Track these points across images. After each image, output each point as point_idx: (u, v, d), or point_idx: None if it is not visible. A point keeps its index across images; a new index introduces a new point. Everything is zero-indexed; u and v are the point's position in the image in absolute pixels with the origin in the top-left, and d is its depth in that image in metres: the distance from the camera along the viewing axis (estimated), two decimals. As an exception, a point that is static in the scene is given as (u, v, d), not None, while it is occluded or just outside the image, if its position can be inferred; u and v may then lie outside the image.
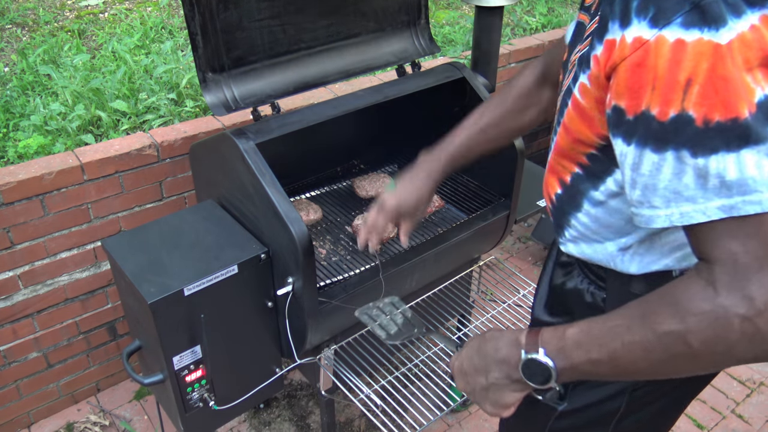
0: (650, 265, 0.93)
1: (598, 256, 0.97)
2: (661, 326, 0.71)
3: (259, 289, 1.52)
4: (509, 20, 3.72)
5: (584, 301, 1.05)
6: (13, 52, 3.10)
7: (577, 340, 0.78)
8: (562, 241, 1.04)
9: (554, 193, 1.01)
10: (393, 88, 1.65)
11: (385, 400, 1.62)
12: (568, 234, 1.01)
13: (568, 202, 0.97)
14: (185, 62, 2.79)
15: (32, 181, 1.81)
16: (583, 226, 0.97)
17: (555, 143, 0.96)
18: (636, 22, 0.71)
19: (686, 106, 0.68)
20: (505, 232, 1.87)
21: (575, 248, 1.01)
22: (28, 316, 2.00)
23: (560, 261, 1.13)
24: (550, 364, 0.79)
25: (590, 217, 0.95)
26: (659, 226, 0.75)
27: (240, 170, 1.43)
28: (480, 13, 1.85)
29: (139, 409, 2.26)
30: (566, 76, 0.94)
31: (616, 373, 0.77)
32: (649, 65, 0.70)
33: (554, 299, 1.16)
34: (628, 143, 0.75)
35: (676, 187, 0.72)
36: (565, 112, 0.91)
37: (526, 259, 3.05)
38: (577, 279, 1.07)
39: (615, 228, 0.93)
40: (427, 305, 1.85)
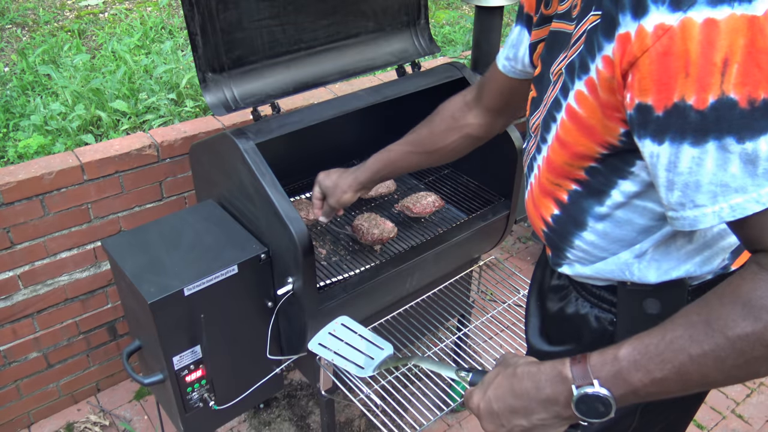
0: (670, 271, 0.87)
1: (611, 268, 0.91)
2: (733, 330, 0.65)
3: (259, 289, 1.52)
4: (509, 20, 3.72)
5: (590, 327, 0.98)
6: (13, 52, 3.11)
7: (634, 360, 0.70)
8: (564, 263, 0.97)
9: (550, 215, 0.94)
10: (393, 88, 1.65)
11: (385, 400, 1.62)
12: (572, 255, 0.95)
13: (569, 222, 0.91)
14: (185, 62, 2.80)
15: (32, 181, 1.81)
16: (589, 244, 0.91)
17: (545, 162, 0.90)
18: (654, 8, 0.65)
19: (726, 88, 0.63)
20: (505, 232, 1.87)
21: (583, 268, 0.94)
22: (28, 316, 2.00)
23: (551, 285, 1.07)
24: (608, 394, 0.71)
25: (597, 233, 0.89)
26: (706, 226, 0.69)
27: (240, 170, 1.43)
28: (480, 13, 1.85)
29: (139, 409, 2.26)
30: (547, 90, 0.89)
31: (684, 388, 0.70)
32: (677, 52, 0.64)
33: (552, 327, 1.09)
34: (660, 142, 0.68)
35: (722, 179, 0.66)
36: (554, 128, 0.85)
37: (525, 259, 3.05)
38: (577, 303, 1.00)
39: (626, 241, 0.87)
40: (427, 305, 1.85)
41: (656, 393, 0.71)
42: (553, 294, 1.06)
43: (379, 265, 1.61)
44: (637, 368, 0.70)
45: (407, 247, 1.68)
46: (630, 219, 0.85)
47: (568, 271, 0.97)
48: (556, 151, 0.86)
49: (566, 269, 0.98)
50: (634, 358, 0.71)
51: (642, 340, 0.71)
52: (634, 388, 0.71)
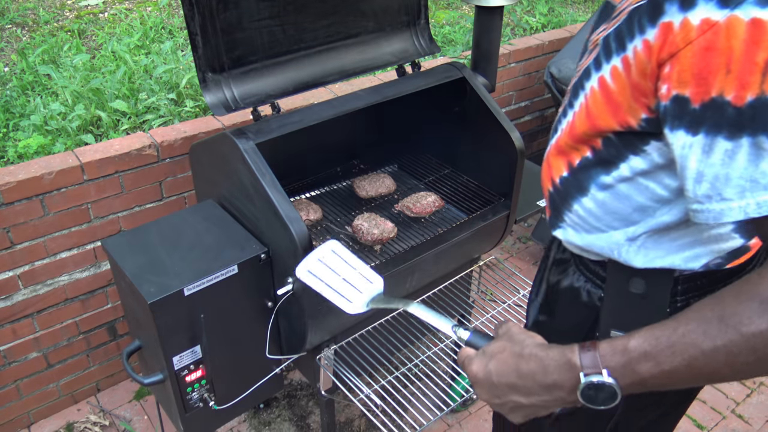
0: (655, 260, 0.90)
1: (601, 244, 0.94)
2: (748, 327, 0.65)
3: (259, 289, 1.52)
4: (509, 20, 3.72)
5: (580, 300, 1.02)
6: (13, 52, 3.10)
7: (644, 351, 0.71)
8: (561, 226, 1.01)
9: (559, 176, 0.97)
10: (393, 88, 1.65)
11: (385, 400, 1.62)
12: (568, 219, 0.98)
13: (574, 186, 0.94)
14: (185, 62, 2.79)
15: (32, 181, 1.81)
16: (586, 211, 0.94)
17: (569, 126, 0.92)
18: (702, 3, 0.66)
19: (766, 88, 0.64)
20: (505, 232, 1.87)
21: (575, 236, 0.98)
22: (28, 316, 2.00)
23: (555, 258, 1.10)
24: (615, 383, 0.72)
25: (596, 202, 0.92)
26: (731, 220, 0.70)
27: (240, 170, 1.43)
28: (480, 13, 1.84)
29: (139, 409, 2.26)
30: (584, 56, 0.90)
31: (692, 381, 0.71)
32: (720, 48, 0.65)
33: (550, 298, 1.12)
34: (694, 133, 0.70)
35: (753, 175, 0.67)
36: (582, 96, 0.87)
37: (525, 259, 3.05)
38: (573, 276, 1.03)
39: (620, 215, 0.90)
40: (426, 305, 1.85)
41: (663, 384, 0.72)
42: (555, 267, 1.09)
43: (379, 265, 1.61)
44: (647, 359, 0.70)
45: (407, 247, 1.68)
46: (629, 195, 0.87)
47: (560, 235, 1.01)
48: (581, 119, 0.88)
49: (560, 233, 1.01)
50: (644, 350, 0.71)
51: (653, 332, 0.71)
52: (641, 378, 0.71)
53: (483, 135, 1.81)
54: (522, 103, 3.16)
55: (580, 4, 4.30)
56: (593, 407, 0.74)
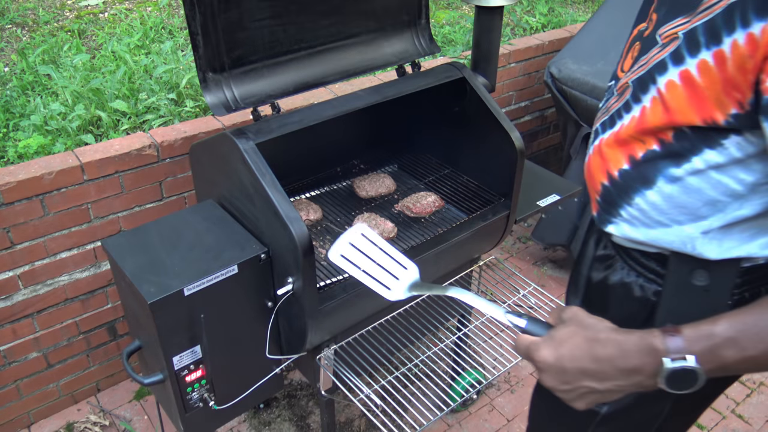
0: (731, 250, 0.88)
1: (669, 238, 0.91)
2: None
3: (259, 289, 1.52)
4: (509, 20, 3.72)
5: (632, 296, 1.00)
6: (13, 52, 3.10)
7: (730, 337, 0.72)
8: (614, 221, 0.98)
9: (618, 168, 0.94)
10: (393, 88, 1.65)
11: (385, 400, 1.62)
12: (626, 214, 0.95)
13: (637, 178, 0.91)
14: (185, 62, 2.79)
15: (32, 181, 1.81)
16: (649, 205, 0.91)
17: (633, 120, 0.90)
18: None
19: None
20: (505, 232, 1.87)
21: (632, 230, 0.95)
22: (28, 316, 2.00)
23: (597, 255, 1.08)
24: (699, 368, 0.73)
25: (663, 195, 0.89)
26: None
27: (240, 170, 1.43)
28: (480, 13, 1.84)
29: (139, 409, 2.26)
30: (651, 50, 0.88)
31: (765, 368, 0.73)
32: None
33: (594, 296, 1.10)
34: None
35: None
36: (653, 90, 0.85)
37: (525, 259, 3.05)
38: (622, 272, 1.01)
39: (689, 209, 0.88)
40: (427, 305, 1.85)
41: (744, 369, 0.74)
42: (598, 263, 1.07)
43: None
44: (732, 345, 0.72)
45: (407, 247, 1.68)
46: (700, 188, 0.85)
47: (614, 230, 0.97)
48: (655, 113, 0.86)
49: (612, 228, 0.97)
50: (729, 335, 0.72)
51: (740, 318, 0.72)
52: (724, 363, 0.72)
53: (483, 135, 1.81)
54: (522, 103, 3.16)
55: (580, 4, 4.30)
56: (674, 392, 0.74)
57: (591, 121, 2.58)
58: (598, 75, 2.52)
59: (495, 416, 2.29)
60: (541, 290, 1.86)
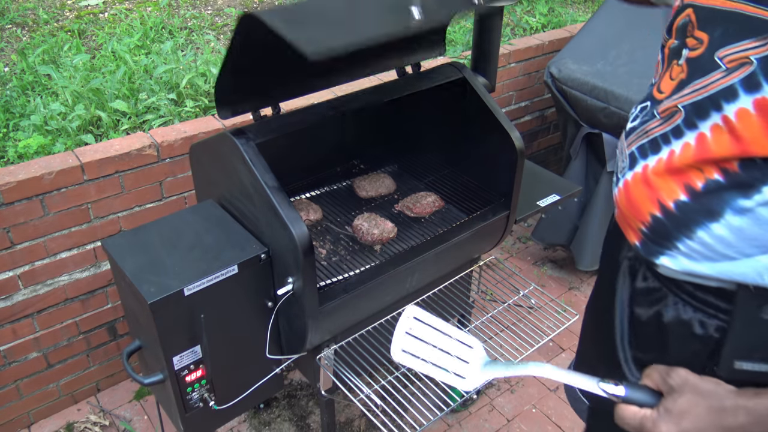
0: None
1: (741, 271, 0.85)
2: None
3: (259, 289, 1.52)
4: (509, 20, 3.72)
5: (693, 334, 0.92)
6: (13, 52, 3.10)
7: None
8: (669, 254, 0.91)
9: (673, 200, 0.88)
10: (393, 88, 1.65)
11: (385, 400, 1.62)
12: (684, 248, 0.89)
13: (700, 212, 0.85)
14: (185, 62, 2.79)
15: (32, 181, 1.81)
16: (716, 238, 0.85)
17: (688, 148, 0.84)
18: None
19: None
20: (505, 232, 1.87)
21: (694, 264, 0.88)
22: (28, 316, 2.00)
23: (638, 289, 1.00)
24: None
25: (731, 228, 0.83)
26: None
27: (240, 170, 1.43)
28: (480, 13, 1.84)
29: (139, 409, 2.26)
30: (709, 74, 0.83)
31: None
32: None
33: (644, 336, 1.01)
34: None
35: None
36: (716, 117, 0.81)
37: (526, 259, 3.05)
38: (676, 308, 0.94)
39: (760, 241, 0.82)
40: (427, 305, 1.85)
41: None
42: (642, 298, 1.00)
43: (379, 265, 1.61)
44: None
45: (407, 247, 1.68)
46: None
47: (669, 263, 0.91)
48: (721, 142, 0.81)
49: (667, 261, 0.91)
50: None
51: None
52: None
53: (483, 135, 1.81)
54: (522, 103, 3.16)
55: (580, 4, 4.30)
56: None
57: (591, 121, 2.57)
58: (598, 75, 2.52)
59: (495, 416, 2.29)
60: (541, 290, 1.86)
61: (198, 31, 3.43)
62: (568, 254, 2.98)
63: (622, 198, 0.98)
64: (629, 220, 0.97)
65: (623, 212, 0.98)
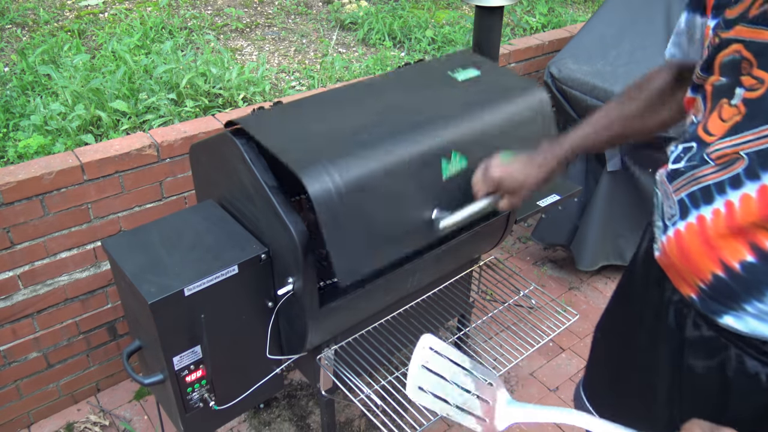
0: None
1: None
2: None
3: (259, 289, 1.52)
4: (509, 20, 3.72)
5: (761, 387, 0.88)
6: (13, 52, 3.10)
7: None
8: (735, 315, 0.86)
9: (740, 261, 0.83)
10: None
11: (385, 400, 1.62)
12: (753, 309, 0.84)
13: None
14: (185, 62, 2.79)
15: (32, 181, 1.80)
16: None
17: (759, 200, 0.79)
18: None
19: None
20: (505, 232, 1.87)
21: (763, 326, 0.84)
22: (28, 316, 2.00)
23: (691, 338, 0.94)
24: None
25: None
26: None
27: (240, 170, 1.43)
28: (480, 13, 1.84)
29: (139, 409, 2.26)
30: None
31: None
32: None
33: (699, 388, 0.96)
34: None
35: None
36: None
37: (525, 259, 3.05)
38: (741, 361, 0.88)
39: None
40: (427, 305, 1.85)
41: None
42: (696, 349, 0.94)
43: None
44: None
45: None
46: None
47: (735, 323, 0.87)
48: None
49: (732, 321, 0.87)
50: None
51: None
52: None
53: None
54: (522, 103, 3.16)
55: (580, 4, 4.30)
56: None
57: (591, 121, 2.57)
58: (598, 75, 2.52)
59: (495, 416, 2.28)
60: (541, 290, 1.86)
61: (198, 31, 3.43)
62: (568, 254, 2.98)
63: (673, 248, 0.92)
64: (683, 273, 0.92)
65: (675, 264, 0.93)
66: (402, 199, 1.36)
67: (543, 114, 1.56)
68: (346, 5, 3.92)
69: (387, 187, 1.32)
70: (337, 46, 3.45)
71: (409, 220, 1.38)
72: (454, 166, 1.42)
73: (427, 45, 3.40)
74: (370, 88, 1.58)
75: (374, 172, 1.30)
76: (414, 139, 1.37)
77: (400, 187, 1.34)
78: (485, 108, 1.49)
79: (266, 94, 2.70)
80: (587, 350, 2.76)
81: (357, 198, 1.28)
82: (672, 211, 0.93)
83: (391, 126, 1.40)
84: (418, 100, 1.52)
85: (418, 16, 3.69)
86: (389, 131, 1.37)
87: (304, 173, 1.23)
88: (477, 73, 1.58)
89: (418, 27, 3.57)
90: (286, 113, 1.49)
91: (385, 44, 3.43)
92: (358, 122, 1.41)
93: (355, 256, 1.31)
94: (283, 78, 3.01)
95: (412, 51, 3.37)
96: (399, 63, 3.11)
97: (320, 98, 1.55)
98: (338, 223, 1.26)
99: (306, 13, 3.89)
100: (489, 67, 1.63)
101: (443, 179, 1.40)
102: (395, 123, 1.41)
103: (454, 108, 1.48)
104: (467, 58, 1.67)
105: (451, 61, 1.65)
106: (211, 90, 2.64)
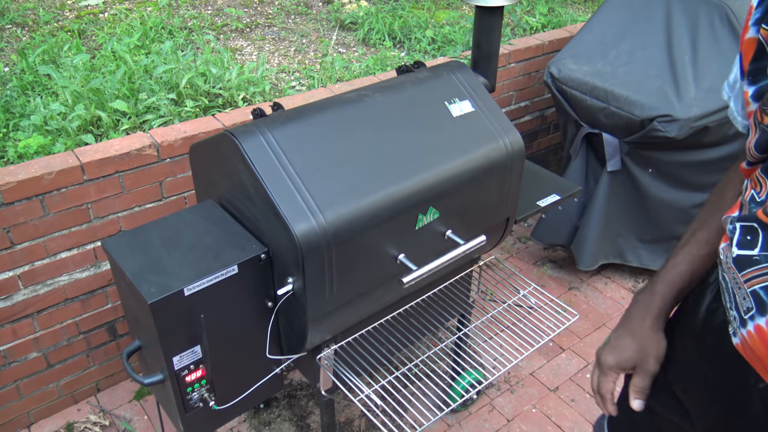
0: None
1: None
2: None
3: (259, 289, 1.51)
4: (509, 20, 3.72)
5: None
6: (13, 52, 3.10)
7: None
8: None
9: None
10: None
11: (385, 400, 1.62)
12: None
13: None
14: (185, 62, 2.79)
15: (32, 181, 1.81)
16: None
17: None
18: None
19: None
20: (505, 232, 1.87)
21: None
22: (28, 316, 2.00)
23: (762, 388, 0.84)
24: None
25: None
26: None
27: (240, 170, 1.43)
28: (480, 13, 1.84)
29: (139, 409, 2.26)
30: None
31: None
32: None
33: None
34: None
35: None
36: None
37: (525, 259, 3.05)
38: None
39: None
40: (427, 305, 1.85)
41: None
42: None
43: (379, 265, 1.61)
44: None
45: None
46: None
47: None
48: None
49: None
50: None
51: None
52: None
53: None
54: (522, 103, 3.16)
55: (580, 4, 4.30)
56: None
57: (591, 121, 2.57)
58: (598, 75, 2.52)
59: (495, 416, 2.29)
60: (541, 290, 1.86)
61: (198, 31, 3.43)
62: (568, 254, 2.98)
63: (757, 345, 0.82)
64: (760, 371, 0.83)
65: (763, 359, 0.83)
66: (375, 251, 1.44)
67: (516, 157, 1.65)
68: (346, 5, 3.93)
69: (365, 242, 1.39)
70: (337, 46, 3.45)
71: (380, 271, 1.46)
72: (428, 219, 1.52)
73: (427, 45, 3.40)
74: (356, 113, 1.59)
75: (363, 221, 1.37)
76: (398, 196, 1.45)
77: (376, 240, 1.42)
78: (468, 154, 1.57)
79: (266, 94, 2.70)
80: (587, 350, 2.76)
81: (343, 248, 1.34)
82: (747, 303, 0.82)
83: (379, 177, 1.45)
84: (406, 139, 1.54)
85: (418, 16, 3.69)
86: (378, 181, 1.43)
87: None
88: (472, 110, 1.62)
89: (418, 27, 3.57)
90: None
91: (385, 44, 3.44)
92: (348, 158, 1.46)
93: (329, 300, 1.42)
94: (283, 78, 3.01)
95: (412, 51, 3.37)
96: (399, 63, 3.11)
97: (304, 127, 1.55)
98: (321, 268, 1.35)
99: (306, 13, 3.89)
100: (481, 98, 1.66)
101: (415, 229, 1.50)
102: (384, 172, 1.46)
103: (442, 157, 1.54)
104: (465, 79, 1.69)
105: (448, 82, 1.66)
106: (211, 90, 2.64)
